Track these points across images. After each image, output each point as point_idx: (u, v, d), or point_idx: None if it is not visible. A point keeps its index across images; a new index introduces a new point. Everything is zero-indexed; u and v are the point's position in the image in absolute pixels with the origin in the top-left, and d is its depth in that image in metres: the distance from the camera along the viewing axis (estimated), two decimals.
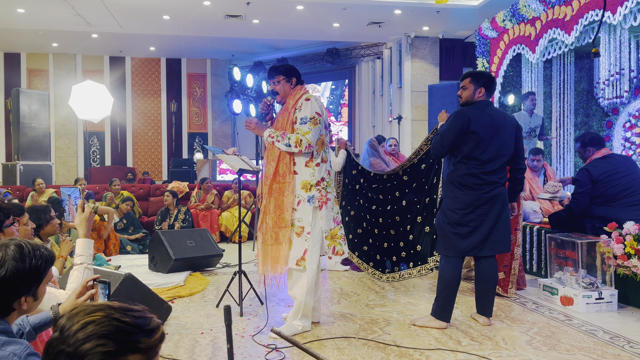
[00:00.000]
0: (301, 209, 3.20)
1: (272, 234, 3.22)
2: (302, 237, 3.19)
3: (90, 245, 2.18)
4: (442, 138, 3.34)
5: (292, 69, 3.37)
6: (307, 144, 3.15)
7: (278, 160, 3.22)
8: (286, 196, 3.19)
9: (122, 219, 6.73)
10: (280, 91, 3.34)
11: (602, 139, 4.41)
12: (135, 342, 0.94)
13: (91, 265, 2.15)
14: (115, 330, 0.93)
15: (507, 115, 3.50)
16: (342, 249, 3.35)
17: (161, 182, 12.16)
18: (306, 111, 3.19)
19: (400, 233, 4.38)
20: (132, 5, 8.96)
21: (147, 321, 0.98)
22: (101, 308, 0.97)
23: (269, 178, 3.24)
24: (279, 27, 10.43)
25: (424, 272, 4.18)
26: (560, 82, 7.56)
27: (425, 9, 9.12)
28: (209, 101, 14.04)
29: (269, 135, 3.23)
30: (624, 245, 3.76)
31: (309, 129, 3.16)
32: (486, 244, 3.30)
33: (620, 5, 5.16)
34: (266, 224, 3.25)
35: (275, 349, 2.98)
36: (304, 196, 3.20)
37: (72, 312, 0.98)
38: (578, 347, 3.02)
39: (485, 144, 3.24)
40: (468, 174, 3.26)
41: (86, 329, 0.93)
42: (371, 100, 13.38)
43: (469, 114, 3.27)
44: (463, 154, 3.26)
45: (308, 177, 3.22)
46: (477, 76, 3.39)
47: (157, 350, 0.98)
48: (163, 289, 4.46)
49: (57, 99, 12.65)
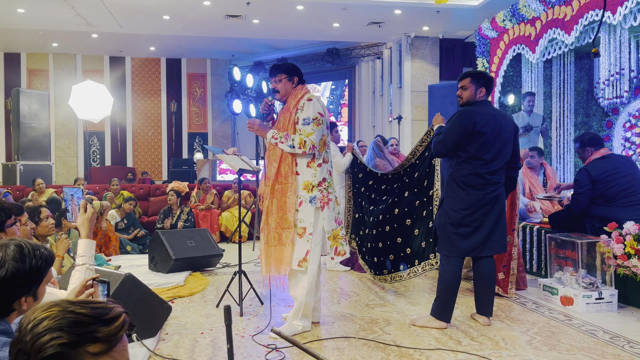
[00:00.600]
0: (303, 210, 3.20)
1: (275, 235, 3.21)
2: (304, 238, 3.18)
3: (92, 246, 2.18)
4: (445, 137, 3.33)
5: (294, 68, 3.36)
6: (311, 145, 3.15)
7: (280, 161, 3.22)
8: (289, 197, 3.18)
9: (124, 218, 6.74)
10: (281, 90, 3.33)
11: (601, 139, 4.41)
12: (93, 332, 0.95)
13: (93, 265, 2.15)
14: (69, 323, 0.94)
15: (506, 115, 3.52)
16: (343, 249, 3.38)
17: (161, 182, 12.16)
18: (309, 112, 3.18)
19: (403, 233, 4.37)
20: (132, 5, 8.96)
21: (106, 311, 0.99)
22: (58, 304, 0.98)
23: (270, 179, 3.23)
24: (279, 27, 10.43)
25: (427, 268, 4.15)
26: (560, 82, 7.55)
27: (425, 9, 9.13)
28: (209, 101, 14.05)
29: (272, 137, 3.22)
30: (624, 245, 3.76)
31: (312, 129, 3.15)
32: (486, 245, 3.31)
33: (620, 5, 5.16)
34: (269, 225, 3.24)
35: (275, 349, 2.99)
36: (306, 197, 3.20)
37: (31, 310, 1.00)
38: (578, 347, 3.02)
39: (490, 144, 3.25)
40: (473, 174, 3.26)
41: (41, 324, 0.94)
42: (371, 100, 13.38)
43: (473, 114, 3.28)
44: (469, 154, 3.26)
45: (310, 178, 3.22)
46: (477, 76, 3.40)
47: (120, 338, 0.99)
48: (163, 289, 4.45)
49: (57, 99, 12.65)
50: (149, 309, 3.16)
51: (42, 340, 0.93)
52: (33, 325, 0.95)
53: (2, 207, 2.37)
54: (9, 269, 1.47)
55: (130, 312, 1.04)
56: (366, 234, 4.71)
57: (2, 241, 1.55)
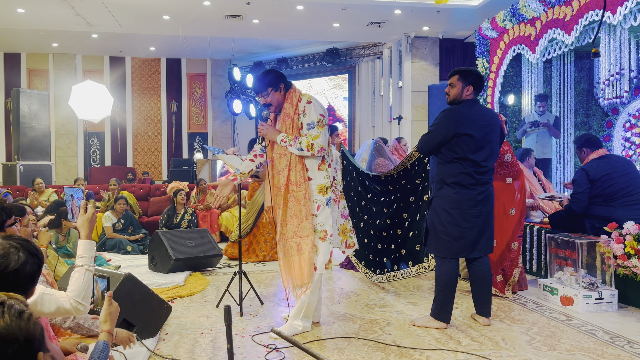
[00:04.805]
0: (322, 214, 3.19)
1: (292, 245, 3.18)
2: (326, 240, 3.19)
3: (92, 246, 2.17)
4: (429, 137, 3.33)
5: (277, 76, 3.29)
6: (319, 148, 3.14)
7: (289, 170, 3.19)
8: (303, 204, 3.15)
9: (120, 219, 6.72)
10: (273, 102, 3.30)
11: (598, 140, 4.43)
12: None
13: (92, 267, 2.14)
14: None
15: (493, 112, 3.47)
16: (353, 242, 3.50)
17: (161, 182, 12.16)
18: (311, 115, 3.17)
19: (399, 232, 4.37)
20: (132, 5, 8.96)
21: None
22: None
23: (281, 188, 3.19)
24: (279, 27, 10.43)
25: (421, 270, 4.16)
26: (560, 82, 7.56)
27: (425, 9, 9.13)
28: (209, 101, 14.05)
29: (281, 140, 3.20)
30: (624, 245, 3.76)
31: (317, 132, 3.15)
32: (476, 246, 3.28)
33: (620, 5, 5.16)
34: (284, 236, 3.21)
35: (275, 349, 2.99)
36: (322, 200, 3.20)
37: None
38: (578, 347, 3.02)
39: (479, 144, 3.21)
40: (463, 173, 3.23)
41: None
42: (371, 100, 13.38)
43: (457, 115, 3.23)
44: (458, 155, 3.22)
45: (323, 180, 3.22)
46: (465, 74, 3.31)
47: None
48: (163, 289, 4.45)
49: (57, 99, 12.65)
50: (149, 309, 3.16)
51: None
52: None
53: (2, 207, 2.37)
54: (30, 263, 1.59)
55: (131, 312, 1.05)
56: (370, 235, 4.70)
57: (1, 241, 1.58)
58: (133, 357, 2.67)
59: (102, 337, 1.83)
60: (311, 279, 3.16)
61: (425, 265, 4.11)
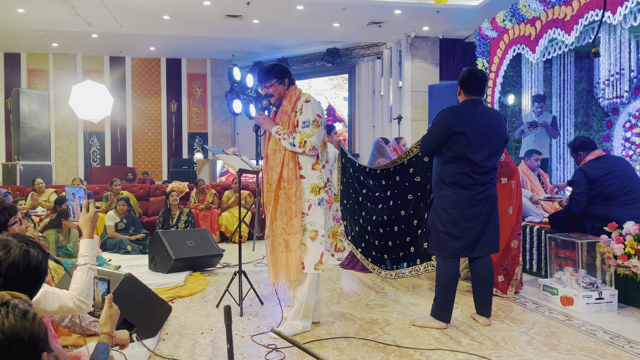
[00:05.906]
0: (313, 213, 3.20)
1: (280, 241, 3.20)
2: (317, 240, 3.19)
3: (94, 245, 2.18)
4: (428, 137, 3.35)
5: (284, 70, 3.35)
6: (311, 146, 3.15)
7: (282, 166, 3.20)
8: (294, 202, 3.17)
9: (122, 219, 6.73)
10: (275, 94, 3.33)
11: (593, 142, 4.44)
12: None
13: (94, 265, 2.15)
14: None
15: (495, 112, 3.48)
16: (342, 245, 3.50)
17: (161, 182, 12.16)
18: (307, 114, 3.19)
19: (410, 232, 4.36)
20: (132, 5, 8.96)
21: None
22: None
23: (273, 184, 3.21)
24: (279, 27, 10.43)
25: (429, 268, 4.15)
26: (560, 82, 7.56)
27: (425, 9, 9.13)
28: (209, 101, 14.05)
29: (276, 132, 3.23)
30: (624, 245, 3.76)
31: (312, 131, 3.16)
32: (477, 245, 3.29)
33: (620, 5, 5.16)
34: (273, 232, 3.23)
35: (275, 349, 2.99)
36: (314, 200, 3.21)
37: None
38: (578, 347, 3.02)
39: (476, 144, 3.22)
40: (461, 173, 3.24)
41: None
42: (371, 100, 13.38)
43: (454, 114, 3.26)
44: (455, 154, 3.24)
45: (316, 180, 3.22)
46: (460, 77, 3.39)
47: None
48: (163, 289, 4.46)
49: (57, 99, 12.65)
50: (149, 309, 3.16)
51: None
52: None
53: (4, 207, 2.38)
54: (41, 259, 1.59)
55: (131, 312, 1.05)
56: (368, 231, 4.70)
57: (6, 238, 1.57)
58: (133, 357, 2.67)
59: (102, 339, 1.84)
60: (298, 277, 3.18)
61: (433, 263, 4.10)
